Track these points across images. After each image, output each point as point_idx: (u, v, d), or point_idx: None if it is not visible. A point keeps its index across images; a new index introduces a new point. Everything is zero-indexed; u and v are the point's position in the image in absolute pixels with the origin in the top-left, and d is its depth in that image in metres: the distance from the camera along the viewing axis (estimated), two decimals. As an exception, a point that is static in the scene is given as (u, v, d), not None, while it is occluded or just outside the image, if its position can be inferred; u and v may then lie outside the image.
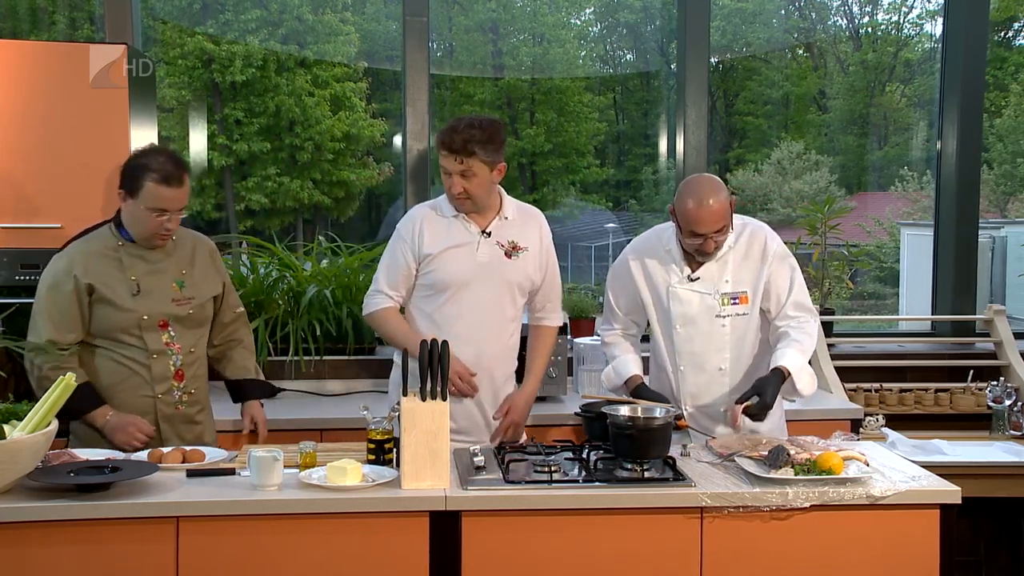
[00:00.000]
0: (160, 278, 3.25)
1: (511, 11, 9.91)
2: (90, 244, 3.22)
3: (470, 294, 3.30)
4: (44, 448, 2.67)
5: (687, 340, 3.38)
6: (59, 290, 3.15)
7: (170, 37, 8.82)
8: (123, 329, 3.19)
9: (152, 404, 3.24)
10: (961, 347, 5.07)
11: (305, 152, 9.44)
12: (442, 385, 2.76)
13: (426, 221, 3.33)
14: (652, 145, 9.72)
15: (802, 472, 2.83)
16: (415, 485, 2.72)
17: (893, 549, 2.80)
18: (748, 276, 3.35)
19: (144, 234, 3.20)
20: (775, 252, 3.35)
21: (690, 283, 3.36)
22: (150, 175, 3.11)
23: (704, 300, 3.35)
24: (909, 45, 10.14)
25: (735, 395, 3.32)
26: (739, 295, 3.35)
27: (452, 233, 3.31)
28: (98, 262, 3.19)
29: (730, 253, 3.35)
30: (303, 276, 4.54)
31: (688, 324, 3.37)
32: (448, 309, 3.30)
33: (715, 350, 3.36)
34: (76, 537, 2.59)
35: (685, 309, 3.37)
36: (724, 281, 3.35)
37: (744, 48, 9.95)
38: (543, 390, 4.07)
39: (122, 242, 3.22)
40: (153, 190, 3.11)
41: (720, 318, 3.35)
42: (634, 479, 2.83)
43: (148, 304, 3.21)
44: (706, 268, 3.35)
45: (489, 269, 3.31)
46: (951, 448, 3.98)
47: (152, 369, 3.23)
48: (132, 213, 3.17)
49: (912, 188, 9.25)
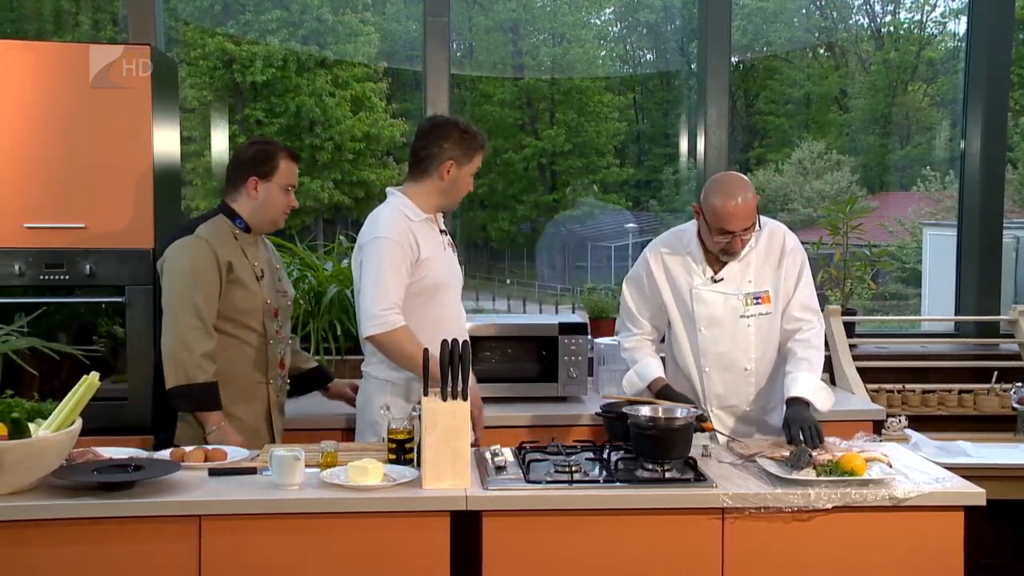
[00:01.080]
0: (269, 269, 3.43)
1: (531, 11, 9.91)
2: (216, 228, 3.30)
3: (451, 293, 3.39)
4: (69, 446, 2.70)
5: (712, 341, 3.37)
6: (208, 266, 3.22)
7: (192, 38, 8.87)
8: (250, 312, 3.30)
9: (266, 391, 3.37)
10: (985, 348, 5.02)
11: (325, 152, 9.48)
12: (463, 385, 2.77)
13: (413, 227, 3.27)
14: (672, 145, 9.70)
15: (824, 473, 2.82)
16: (436, 485, 2.72)
17: (916, 551, 2.78)
18: (769, 275, 3.36)
19: (275, 215, 3.37)
20: (789, 249, 3.36)
21: (713, 284, 3.36)
22: (281, 153, 3.34)
23: (728, 301, 3.35)
24: (932, 44, 10.06)
25: (761, 395, 3.33)
26: (761, 295, 3.35)
27: (430, 235, 3.33)
28: (228, 244, 3.30)
29: (752, 253, 3.35)
30: (324, 276, 4.56)
31: (713, 325, 3.36)
32: (440, 312, 3.32)
33: (741, 350, 3.36)
34: (99, 535, 2.61)
35: (710, 310, 3.36)
36: (747, 281, 3.35)
37: (765, 47, 9.91)
38: (564, 390, 4.08)
39: (237, 231, 3.34)
40: (286, 167, 3.34)
41: (745, 318, 3.35)
42: (655, 479, 2.83)
43: (267, 290, 3.37)
44: (729, 268, 3.35)
45: (452, 266, 3.42)
46: (975, 450, 3.94)
47: (268, 356, 3.36)
48: (266, 197, 3.33)
49: (934, 188, 9.18)
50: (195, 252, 3.22)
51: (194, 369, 3.15)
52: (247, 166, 3.34)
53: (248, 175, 3.33)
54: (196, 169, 8.31)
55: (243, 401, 3.30)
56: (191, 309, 3.16)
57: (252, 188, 3.33)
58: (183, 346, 3.15)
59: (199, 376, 3.15)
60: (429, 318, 3.28)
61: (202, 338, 3.17)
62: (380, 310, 3.18)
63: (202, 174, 8.46)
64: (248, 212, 3.36)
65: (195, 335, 3.16)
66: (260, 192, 3.33)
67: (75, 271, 3.74)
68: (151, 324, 3.76)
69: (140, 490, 2.68)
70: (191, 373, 3.15)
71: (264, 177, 3.32)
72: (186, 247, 3.24)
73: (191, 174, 8.24)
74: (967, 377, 4.80)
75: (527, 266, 10.29)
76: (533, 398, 4.06)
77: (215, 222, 3.33)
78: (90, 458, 2.86)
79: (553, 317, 4.30)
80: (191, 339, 3.15)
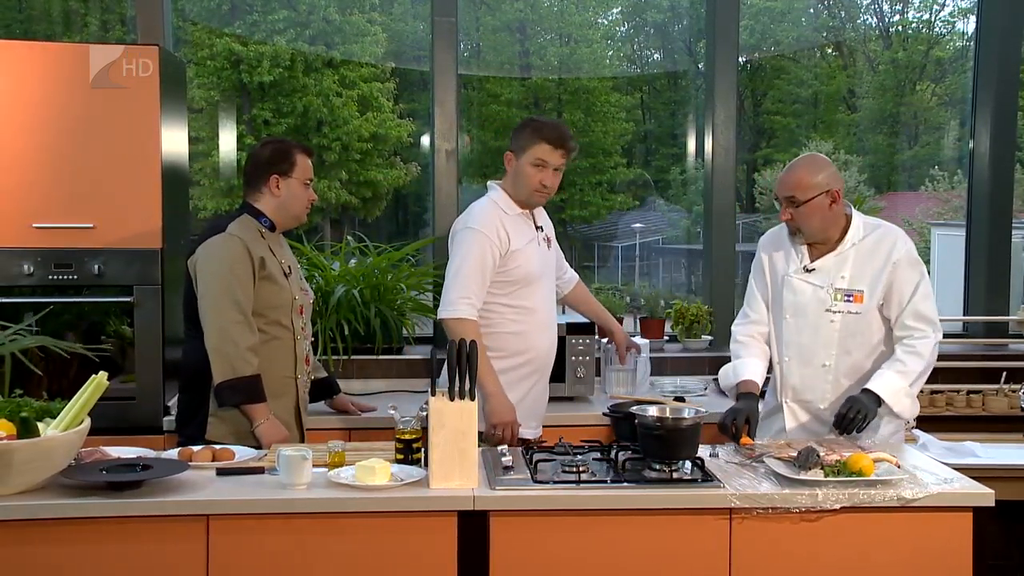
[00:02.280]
0: (294, 266, 3.50)
1: (538, 11, 9.90)
2: (245, 226, 3.36)
3: (542, 285, 3.54)
4: (77, 445, 2.71)
5: (796, 331, 3.36)
6: (243, 261, 3.26)
7: (199, 38, 8.88)
8: (280, 307, 3.35)
9: (294, 385, 3.42)
10: (994, 348, 5.01)
11: (333, 152, 9.47)
12: (471, 385, 2.77)
13: (505, 219, 3.47)
14: (680, 145, 9.67)
15: (832, 473, 2.81)
16: (443, 485, 2.73)
17: (924, 552, 2.77)
18: (868, 275, 3.30)
19: (298, 210, 3.44)
20: (902, 256, 3.29)
21: (805, 273, 3.34)
22: (296, 149, 3.43)
23: (816, 292, 3.33)
24: (940, 43, 10.03)
25: (839, 396, 3.29)
26: (854, 292, 3.30)
27: (523, 229, 3.52)
28: (258, 242, 3.34)
29: (852, 249, 3.32)
30: (331, 276, 4.56)
31: (798, 315, 3.35)
32: (529, 302, 3.50)
33: (822, 345, 3.33)
34: (108, 534, 2.62)
35: (797, 299, 3.35)
36: (840, 276, 3.31)
37: (773, 47, 9.88)
38: (572, 390, 4.09)
39: (264, 230, 3.39)
40: (303, 161, 3.43)
41: (830, 312, 3.31)
42: (663, 480, 2.83)
43: (295, 287, 3.43)
44: (824, 260, 3.33)
45: (546, 260, 3.59)
46: (984, 450, 3.92)
47: (296, 352, 3.41)
48: (288, 193, 3.40)
49: (943, 188, 9.15)
50: (230, 249, 3.27)
51: (240, 362, 3.19)
52: (267, 166, 3.40)
53: (269, 174, 3.39)
54: (204, 169, 8.32)
55: (274, 397, 3.33)
56: (233, 304, 3.21)
57: (275, 186, 3.39)
58: (228, 340, 3.19)
59: (246, 369, 3.20)
60: (523, 306, 3.50)
61: (245, 332, 3.22)
62: (454, 297, 3.40)
63: (210, 174, 8.47)
64: (272, 209, 3.41)
65: (238, 329, 3.20)
66: (282, 189, 3.40)
67: (83, 271, 3.75)
68: (159, 324, 3.78)
69: (148, 489, 2.69)
70: (237, 366, 3.19)
71: (284, 174, 3.40)
72: (221, 244, 3.28)
73: (199, 174, 8.26)
74: (975, 377, 4.79)
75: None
76: (540, 398, 4.06)
77: (242, 221, 3.37)
78: (98, 457, 2.86)
79: (560, 317, 4.30)
80: (235, 333, 3.20)
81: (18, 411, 2.62)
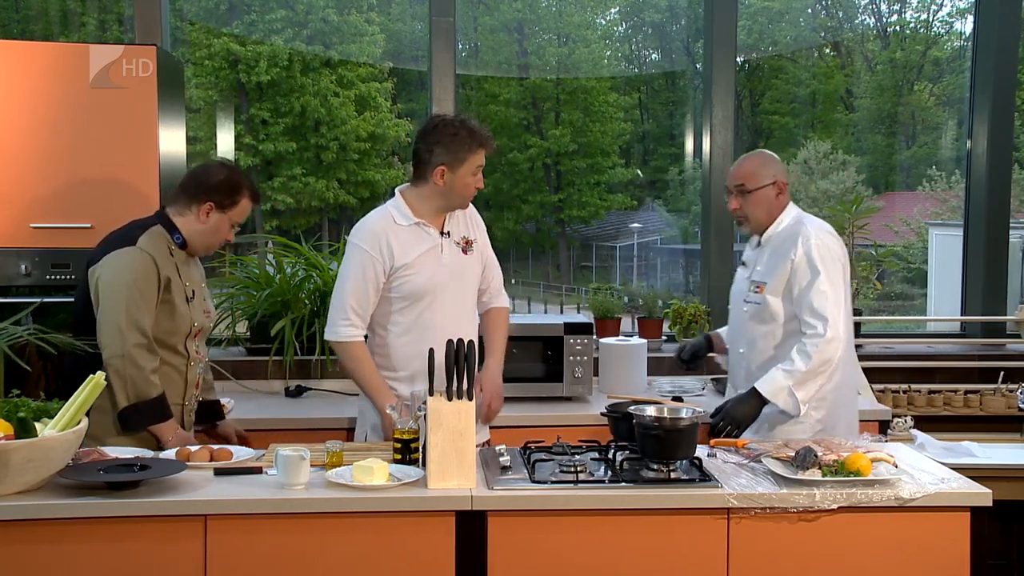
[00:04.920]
0: (199, 289, 3.32)
1: (536, 11, 9.91)
2: (156, 242, 3.18)
3: (444, 297, 3.30)
4: (75, 446, 2.70)
5: (731, 319, 3.63)
6: (150, 282, 3.10)
7: (197, 38, 8.88)
8: (177, 334, 3.20)
9: (180, 412, 3.26)
10: (991, 348, 5.01)
11: (330, 152, 9.48)
12: (468, 385, 2.77)
13: (391, 232, 3.28)
14: (678, 145, 9.68)
15: (830, 473, 2.81)
16: (441, 485, 2.72)
17: (922, 552, 2.78)
18: (774, 268, 3.41)
19: (213, 245, 3.28)
20: (801, 256, 3.34)
21: (742, 266, 3.58)
22: (246, 191, 3.24)
23: (741, 283, 3.54)
24: (938, 43, 10.03)
25: (750, 380, 3.39)
26: (760, 284, 3.43)
27: (417, 240, 3.29)
28: (167, 261, 3.18)
29: (769, 243, 3.47)
30: (329, 276, 4.55)
31: (732, 304, 3.61)
32: (426, 317, 3.28)
33: (738, 333, 3.55)
34: (106, 534, 2.62)
35: (733, 290, 3.61)
36: (757, 268, 3.47)
37: (771, 47, 9.89)
38: (569, 390, 4.08)
39: (174, 247, 3.22)
40: (245, 206, 3.25)
41: (744, 303, 3.50)
42: (660, 480, 2.83)
43: (196, 312, 3.26)
44: (753, 252, 3.52)
45: (453, 269, 3.33)
46: (982, 450, 3.93)
47: (187, 377, 3.26)
48: (214, 225, 3.22)
49: (940, 188, 9.15)
50: (139, 267, 3.09)
51: (144, 384, 3.06)
52: (210, 191, 3.20)
53: (207, 199, 3.19)
54: (202, 169, 8.32)
55: None
56: (135, 326, 3.05)
57: (205, 214, 3.20)
58: (131, 364, 3.04)
59: (151, 391, 3.08)
60: (417, 323, 3.29)
61: (147, 355, 3.08)
62: (335, 318, 3.29)
63: (207, 174, 8.46)
64: (189, 233, 3.23)
65: (141, 353, 3.06)
66: (211, 219, 3.21)
67: (81, 271, 3.73)
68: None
69: (146, 489, 2.68)
70: (142, 388, 3.06)
71: (222, 208, 3.21)
72: (130, 260, 3.10)
73: (197, 174, 8.24)
74: (973, 377, 4.80)
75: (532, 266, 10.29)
76: (538, 398, 4.07)
77: (154, 234, 3.18)
78: (96, 457, 2.86)
79: (558, 317, 4.30)
80: (139, 357, 3.05)
81: (15, 411, 2.62)
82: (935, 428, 4.27)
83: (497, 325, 3.51)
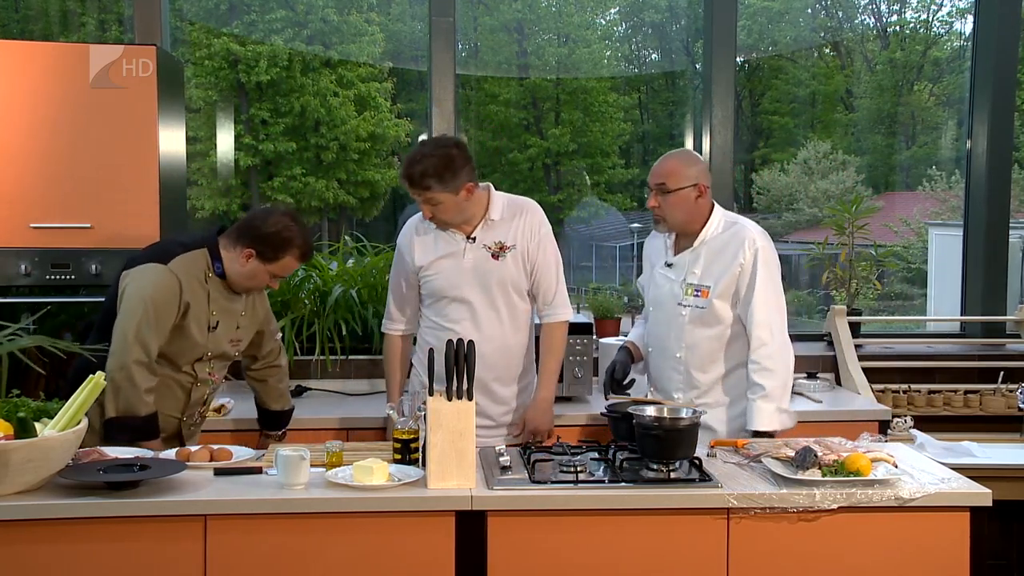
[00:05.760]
0: (229, 319, 3.29)
1: (536, 11, 9.90)
2: (190, 265, 3.16)
3: (466, 299, 3.43)
4: (75, 446, 2.70)
5: (655, 323, 3.52)
6: (169, 304, 3.09)
7: (197, 38, 8.87)
8: (181, 356, 3.20)
9: (177, 425, 3.30)
10: (991, 348, 5.01)
11: (330, 152, 9.47)
12: (468, 385, 2.77)
13: (415, 235, 3.50)
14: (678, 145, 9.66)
15: (830, 473, 2.82)
16: (441, 485, 2.73)
17: (922, 552, 2.78)
18: (716, 272, 3.39)
19: (251, 288, 3.29)
20: (747, 260, 3.34)
21: (666, 268, 3.49)
22: (293, 251, 3.20)
23: (671, 286, 3.46)
24: (938, 43, 10.03)
25: (691, 387, 3.42)
26: (702, 288, 3.40)
27: (439, 244, 3.46)
28: (194, 287, 3.17)
29: (704, 246, 3.42)
30: (329, 276, 4.56)
31: (657, 307, 3.51)
32: (451, 314, 3.45)
33: (674, 337, 3.45)
34: (106, 534, 2.62)
35: (657, 292, 3.51)
36: (693, 272, 3.42)
37: (770, 47, 9.88)
38: (569, 390, 4.08)
39: (211, 274, 3.21)
40: (290, 264, 3.23)
41: (680, 306, 3.43)
42: (660, 480, 2.83)
43: (215, 342, 3.26)
44: (681, 256, 3.45)
45: (477, 273, 3.42)
46: (981, 450, 3.93)
47: (192, 395, 3.28)
48: (252, 270, 3.20)
49: (940, 188, 9.15)
50: (163, 287, 3.09)
51: (136, 401, 3.06)
52: (256, 239, 3.17)
53: (251, 246, 3.18)
54: (201, 169, 8.32)
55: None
56: (142, 345, 3.05)
57: (245, 257, 3.19)
58: (127, 378, 3.04)
59: (141, 409, 3.08)
60: (442, 318, 3.47)
61: (146, 375, 3.08)
62: (386, 311, 3.64)
63: (207, 174, 8.47)
64: (230, 269, 3.22)
65: (140, 371, 3.06)
66: (250, 266, 3.20)
67: (81, 271, 3.75)
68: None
69: (146, 490, 2.68)
70: (134, 405, 3.06)
71: (263, 258, 3.19)
72: (156, 278, 3.10)
73: (196, 174, 8.26)
74: (973, 377, 4.80)
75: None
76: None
77: (194, 257, 3.18)
78: (96, 457, 2.86)
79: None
80: (136, 374, 3.05)
81: (15, 411, 2.62)
82: (935, 428, 4.27)
83: (548, 347, 3.57)
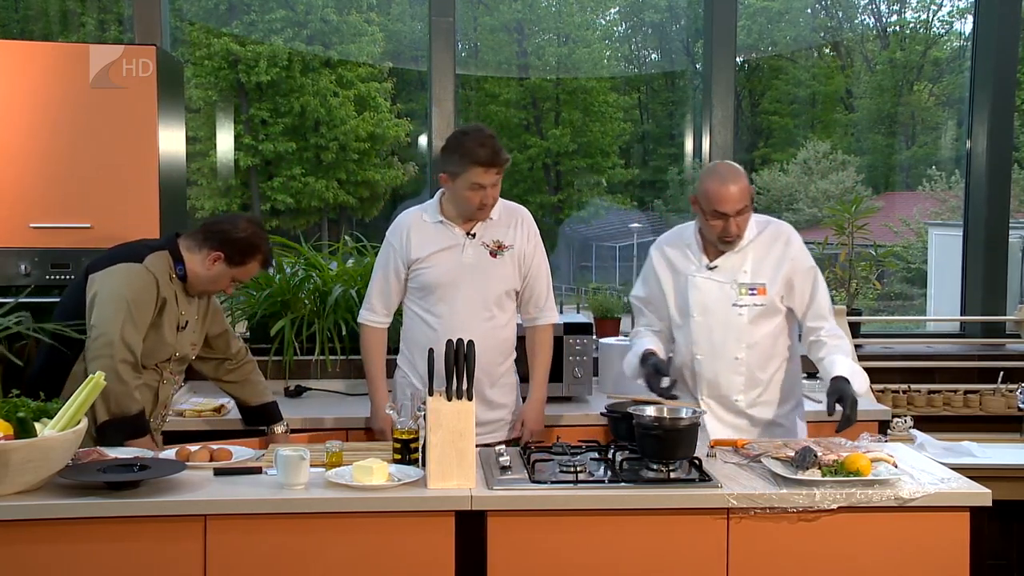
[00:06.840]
0: (191, 321, 3.33)
1: (536, 11, 9.90)
2: (161, 264, 3.20)
3: (458, 293, 3.45)
4: (75, 446, 2.70)
5: (705, 328, 3.41)
6: (147, 302, 3.12)
7: (197, 38, 8.87)
8: (152, 356, 3.21)
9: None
10: (991, 348, 5.01)
11: (330, 152, 9.46)
12: (468, 385, 2.77)
13: (413, 227, 3.50)
14: (677, 145, 9.68)
15: (829, 473, 2.82)
16: (441, 485, 2.73)
17: (922, 552, 2.78)
18: (768, 269, 3.38)
19: (209, 291, 3.33)
20: (798, 252, 3.39)
21: (708, 272, 3.41)
22: (259, 257, 3.28)
23: (722, 289, 3.39)
24: (938, 43, 10.03)
25: (752, 387, 3.38)
26: (757, 286, 3.38)
27: (439, 237, 3.48)
28: (167, 285, 3.21)
29: (750, 246, 3.40)
30: (329, 276, 4.56)
31: (706, 312, 3.41)
32: (439, 308, 3.46)
33: (733, 339, 3.39)
34: (106, 534, 2.62)
35: (703, 297, 3.41)
36: (743, 271, 3.39)
37: (770, 47, 9.88)
38: (569, 390, 4.08)
39: (174, 275, 3.23)
40: (252, 269, 3.30)
41: (737, 307, 3.38)
42: (660, 480, 2.83)
43: (182, 343, 3.29)
44: (725, 258, 3.40)
45: (475, 269, 3.46)
46: (981, 450, 3.93)
47: (159, 395, 3.30)
48: (217, 274, 3.25)
49: (940, 188, 9.15)
50: (141, 285, 3.11)
51: (128, 400, 3.08)
52: (225, 242, 3.21)
53: (220, 249, 3.21)
54: (201, 169, 8.32)
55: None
56: (127, 345, 3.07)
57: (212, 260, 3.22)
58: (117, 379, 3.04)
59: (133, 407, 3.10)
60: (430, 312, 3.48)
61: (133, 373, 3.10)
62: (365, 301, 3.62)
63: (207, 174, 8.47)
64: (192, 271, 3.24)
65: (127, 370, 3.07)
66: (215, 269, 3.23)
67: (80, 271, 3.74)
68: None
69: (146, 490, 2.68)
70: (124, 404, 3.08)
71: (230, 262, 3.22)
72: (135, 276, 3.12)
73: (196, 174, 8.26)
74: (973, 377, 4.80)
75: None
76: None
77: (161, 257, 3.20)
78: (95, 457, 2.86)
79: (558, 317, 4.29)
80: (124, 373, 3.06)
81: (15, 411, 2.62)
82: (935, 428, 4.27)
83: (537, 349, 3.64)
